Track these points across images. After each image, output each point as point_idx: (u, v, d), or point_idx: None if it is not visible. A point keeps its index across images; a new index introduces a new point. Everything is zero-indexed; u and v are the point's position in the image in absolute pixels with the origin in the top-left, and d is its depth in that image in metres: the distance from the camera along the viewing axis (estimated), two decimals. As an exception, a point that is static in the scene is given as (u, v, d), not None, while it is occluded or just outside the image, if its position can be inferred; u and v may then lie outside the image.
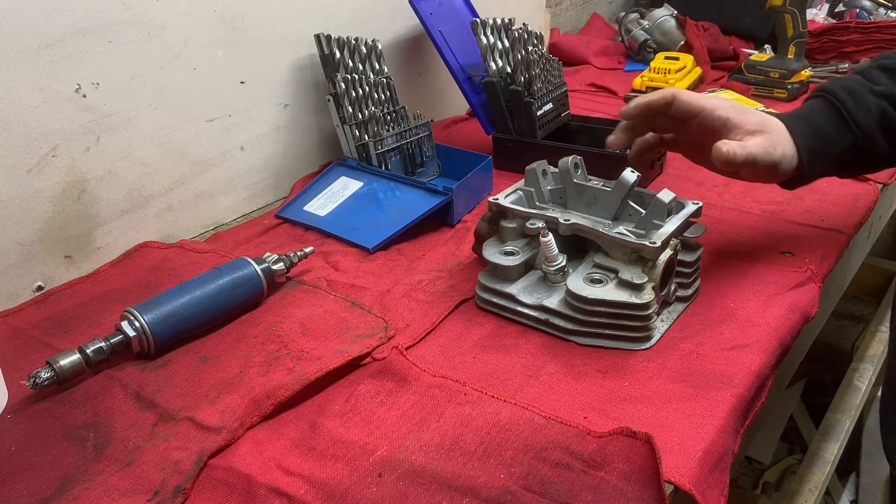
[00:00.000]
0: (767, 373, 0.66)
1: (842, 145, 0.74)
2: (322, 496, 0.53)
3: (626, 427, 0.55)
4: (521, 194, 0.77)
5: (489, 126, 1.12)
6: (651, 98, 0.74)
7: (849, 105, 0.73)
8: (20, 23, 0.73)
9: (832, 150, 0.74)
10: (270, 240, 0.92)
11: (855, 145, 0.74)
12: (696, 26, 1.58)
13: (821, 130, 0.74)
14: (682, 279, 0.72)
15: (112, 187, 0.85)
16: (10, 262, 0.78)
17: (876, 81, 0.74)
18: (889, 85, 0.73)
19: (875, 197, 0.96)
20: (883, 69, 0.75)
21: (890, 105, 0.73)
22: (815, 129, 0.74)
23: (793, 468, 1.61)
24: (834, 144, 0.74)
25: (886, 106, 0.73)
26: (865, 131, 0.73)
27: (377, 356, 0.67)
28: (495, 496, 0.51)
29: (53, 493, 0.54)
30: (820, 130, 0.74)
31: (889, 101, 0.73)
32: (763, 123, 0.72)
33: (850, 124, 0.73)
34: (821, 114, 0.74)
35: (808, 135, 0.73)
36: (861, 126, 0.73)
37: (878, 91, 0.73)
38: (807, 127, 0.74)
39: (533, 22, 1.50)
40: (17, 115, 0.75)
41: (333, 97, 0.99)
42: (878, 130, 0.73)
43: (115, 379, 0.66)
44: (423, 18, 1.10)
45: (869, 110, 0.73)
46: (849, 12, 1.77)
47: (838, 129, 0.74)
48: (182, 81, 0.89)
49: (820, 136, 0.74)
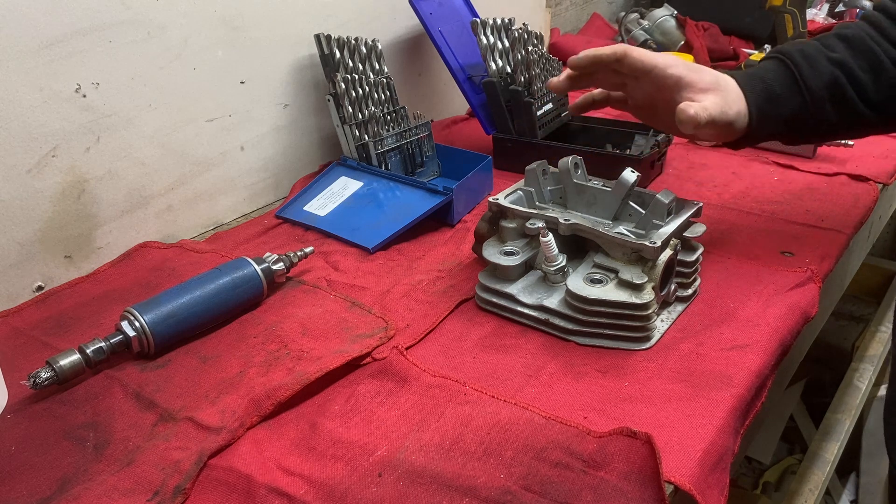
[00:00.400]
0: (767, 373, 0.66)
1: (790, 107, 0.74)
2: (322, 496, 0.53)
3: (626, 427, 0.55)
4: (521, 194, 0.77)
5: (489, 126, 1.12)
6: (601, 51, 0.74)
7: (802, 68, 0.73)
8: (20, 23, 0.73)
9: (781, 112, 0.74)
10: (270, 240, 0.92)
11: (804, 108, 0.74)
12: (696, 26, 1.58)
13: (772, 90, 0.74)
14: (682, 279, 0.72)
15: (112, 187, 0.85)
16: (10, 262, 0.78)
17: (833, 49, 0.74)
18: (845, 54, 0.73)
19: (875, 197, 0.96)
20: (841, 38, 0.75)
21: (843, 73, 0.73)
22: (766, 89, 0.74)
23: (793, 468, 1.61)
24: (783, 105, 0.74)
25: (839, 74, 0.73)
26: (815, 95, 0.73)
27: (377, 356, 0.67)
28: (495, 496, 0.51)
29: (53, 493, 0.54)
30: (771, 90, 0.74)
31: (842, 70, 0.73)
32: (716, 82, 0.72)
33: (801, 87, 0.73)
34: (774, 74, 0.74)
35: (760, 94, 0.73)
36: (811, 90, 0.73)
37: (833, 58, 0.73)
38: (759, 85, 0.74)
39: (533, 22, 1.50)
40: (17, 115, 0.75)
41: (333, 97, 0.99)
42: (826, 97, 0.73)
43: (115, 379, 0.66)
44: (423, 18, 1.10)
45: (821, 75, 0.73)
46: (849, 12, 1.77)
47: (789, 90, 0.74)
48: (182, 81, 0.89)
49: (771, 96, 0.73)
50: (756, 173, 1.05)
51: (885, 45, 0.73)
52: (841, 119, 0.74)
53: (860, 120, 0.75)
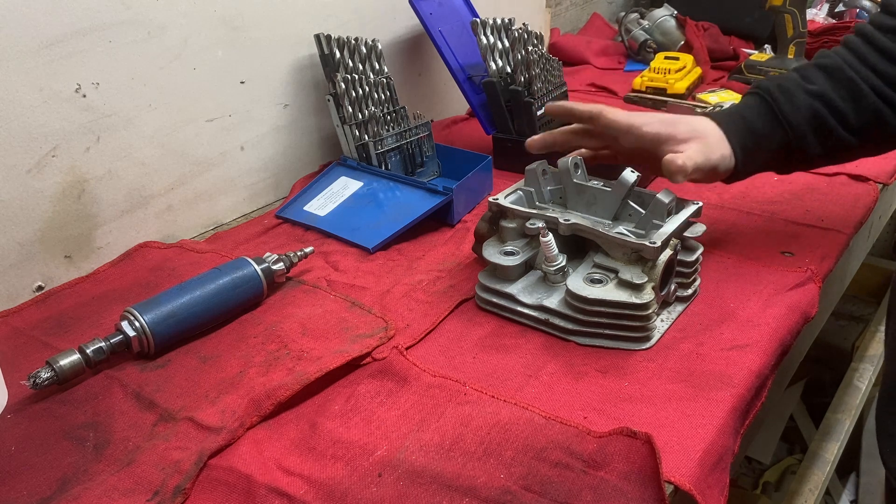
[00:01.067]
0: (767, 373, 0.66)
1: (774, 143, 0.75)
2: (322, 496, 0.53)
3: (626, 427, 0.55)
4: (521, 194, 0.77)
5: (489, 126, 1.12)
6: (577, 106, 0.76)
7: (781, 103, 0.74)
8: (20, 23, 0.73)
9: (765, 147, 0.75)
10: (270, 240, 0.92)
11: (787, 143, 0.75)
12: (696, 26, 1.58)
13: (754, 127, 0.75)
14: (681, 279, 0.72)
15: (112, 187, 0.85)
16: (10, 262, 0.78)
17: (811, 80, 0.75)
18: (823, 85, 0.74)
19: (875, 197, 0.96)
20: (820, 68, 0.76)
21: (822, 105, 0.74)
22: (748, 127, 0.75)
23: (793, 468, 1.61)
24: (766, 141, 0.75)
25: (819, 106, 0.74)
26: (796, 129, 0.74)
27: (377, 356, 0.67)
28: (495, 496, 0.51)
29: (53, 493, 0.54)
30: (753, 127, 0.75)
31: (822, 101, 0.74)
32: (693, 130, 0.74)
33: (782, 121, 0.74)
34: (754, 111, 0.75)
35: (742, 132, 0.74)
36: (792, 124, 0.74)
37: (811, 90, 0.74)
38: (740, 124, 0.75)
39: (533, 22, 1.50)
40: (17, 115, 0.75)
41: (333, 97, 0.99)
42: (808, 130, 0.74)
43: (115, 379, 0.66)
44: (423, 18, 1.10)
45: (800, 109, 0.74)
46: (849, 12, 1.77)
47: (771, 126, 0.75)
48: (182, 81, 0.89)
49: (753, 133, 0.75)
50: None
51: (865, 71, 0.74)
52: (825, 148, 0.76)
53: (844, 147, 0.76)
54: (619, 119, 0.74)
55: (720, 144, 0.73)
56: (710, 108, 1.19)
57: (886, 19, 0.74)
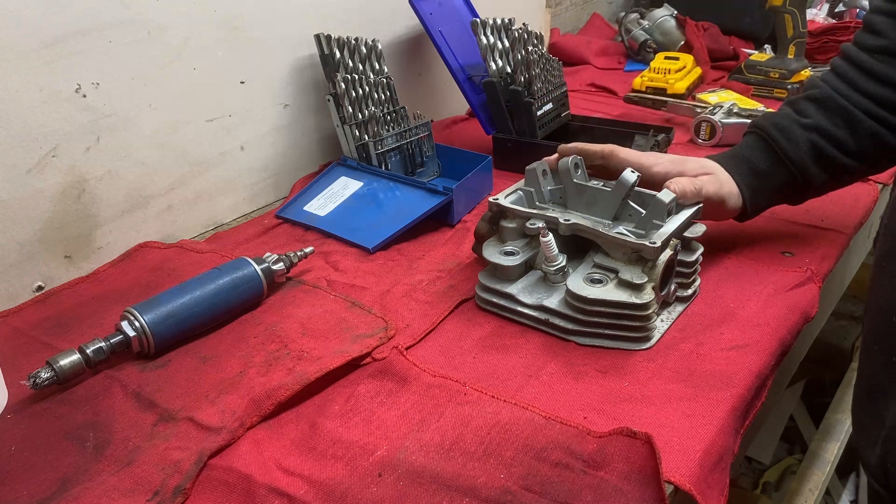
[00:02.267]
0: (767, 373, 0.66)
1: (779, 179, 0.78)
2: (322, 496, 0.53)
3: (626, 427, 0.55)
4: (521, 194, 0.77)
5: (489, 126, 1.12)
6: (589, 147, 0.78)
7: (779, 141, 0.77)
8: (20, 23, 0.73)
9: (771, 185, 0.78)
10: (270, 240, 0.92)
11: (791, 177, 0.78)
12: (696, 26, 1.58)
13: (757, 168, 0.78)
14: (682, 279, 0.72)
15: (112, 187, 0.85)
16: (10, 262, 0.78)
17: (804, 114, 0.77)
18: (817, 117, 0.77)
19: (875, 197, 0.96)
20: (811, 100, 0.78)
21: (819, 136, 0.76)
22: (751, 168, 0.78)
23: (793, 468, 1.61)
24: (771, 179, 0.78)
25: (816, 138, 0.76)
26: (798, 165, 0.77)
27: (377, 356, 0.67)
28: (495, 496, 0.51)
29: (53, 494, 0.54)
30: (756, 168, 0.78)
31: (818, 134, 0.76)
32: (703, 167, 0.77)
33: (784, 160, 0.77)
34: (756, 151, 0.78)
35: (747, 173, 0.77)
36: (794, 161, 0.77)
37: (806, 124, 0.77)
38: (744, 166, 0.78)
39: (533, 22, 1.50)
40: (17, 115, 0.75)
41: (333, 97, 0.99)
42: (810, 162, 0.77)
43: (115, 379, 0.66)
44: (423, 18, 1.10)
45: (798, 144, 0.76)
46: (849, 12, 1.77)
47: (773, 165, 0.78)
48: (182, 81, 0.89)
49: (757, 173, 0.78)
50: (756, 173, 1.05)
51: (855, 97, 0.75)
52: (829, 176, 0.78)
53: (847, 171, 0.78)
54: (629, 158, 0.77)
55: (728, 182, 0.76)
56: (709, 108, 1.19)
57: (869, 39, 0.75)
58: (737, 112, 1.18)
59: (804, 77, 1.36)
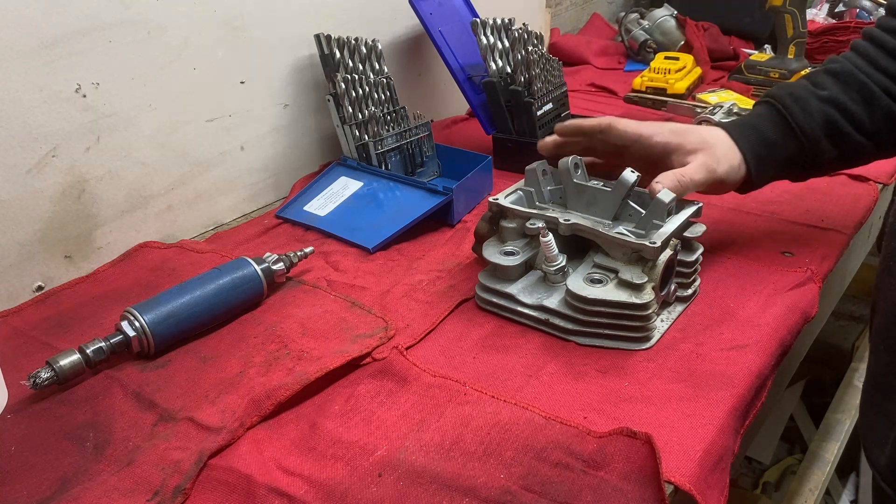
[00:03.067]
0: (767, 373, 0.66)
1: (788, 150, 0.75)
2: (322, 496, 0.53)
3: (626, 427, 0.55)
4: (521, 194, 0.77)
5: (489, 126, 1.12)
6: (585, 122, 0.76)
7: (794, 111, 0.74)
8: (20, 23, 0.73)
9: (779, 156, 0.75)
10: (270, 240, 0.92)
11: (801, 150, 0.75)
12: (696, 26, 1.58)
13: (766, 137, 0.75)
14: (682, 279, 0.72)
15: (112, 187, 0.85)
16: (10, 262, 0.78)
17: (822, 87, 0.75)
18: (834, 90, 0.74)
19: (875, 197, 0.96)
20: (830, 73, 0.76)
21: (835, 110, 0.74)
22: (760, 136, 0.75)
23: (793, 468, 1.61)
24: (780, 150, 0.75)
25: (832, 111, 0.74)
26: (809, 136, 0.74)
27: (377, 356, 0.67)
28: (495, 496, 0.51)
29: (53, 493, 0.54)
30: (766, 137, 0.75)
31: (834, 107, 0.74)
32: (703, 140, 0.73)
33: (796, 130, 0.74)
34: (767, 120, 0.75)
35: (754, 142, 0.74)
36: (805, 132, 0.74)
37: (823, 97, 0.74)
38: (752, 134, 0.75)
39: (533, 22, 1.50)
40: (17, 115, 0.75)
41: (333, 97, 0.99)
42: (822, 136, 0.74)
43: (115, 379, 0.66)
44: (423, 18, 1.10)
45: (813, 116, 0.74)
46: (849, 12, 1.77)
47: (784, 135, 0.75)
48: (182, 81, 0.89)
49: (766, 142, 0.75)
50: (756, 173, 1.05)
51: (876, 75, 0.74)
52: (840, 153, 0.76)
53: (858, 150, 0.76)
54: (628, 130, 0.74)
55: (728, 155, 0.73)
56: (709, 108, 1.19)
57: (893, 21, 0.74)
58: (737, 112, 1.18)
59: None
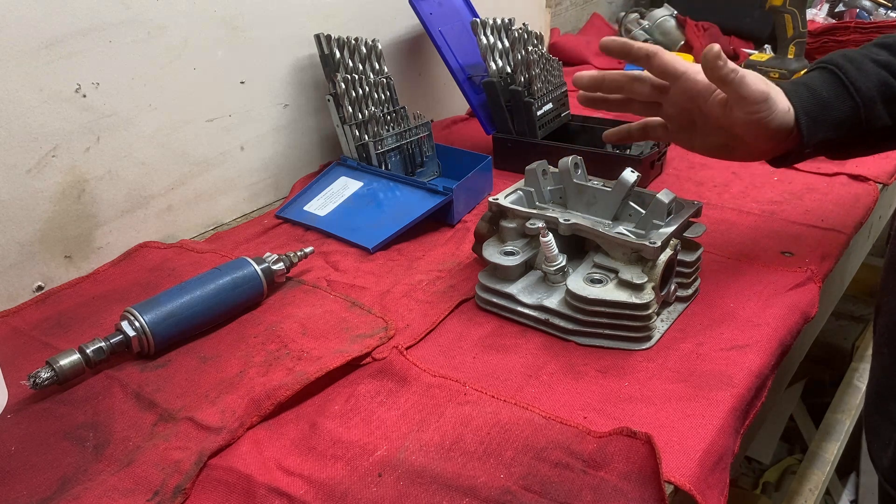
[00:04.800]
0: (767, 373, 0.66)
1: (842, 111, 0.71)
2: (322, 496, 0.53)
3: (626, 427, 0.55)
4: (521, 194, 0.77)
5: (489, 126, 1.12)
6: (634, 43, 0.72)
7: (849, 71, 0.70)
8: (20, 23, 0.73)
9: (832, 116, 0.70)
10: (270, 240, 0.92)
11: (855, 111, 0.71)
12: (696, 26, 1.58)
13: (820, 96, 0.70)
14: (682, 279, 0.72)
15: (112, 187, 0.85)
16: (10, 262, 0.78)
17: (876, 54, 0.72)
18: (889, 58, 0.71)
19: (875, 197, 0.96)
20: (882, 46, 0.72)
21: (892, 75, 0.70)
22: (813, 95, 0.70)
23: (793, 468, 1.61)
24: (833, 110, 0.70)
25: (887, 76, 0.70)
26: (866, 97, 0.70)
27: (377, 356, 0.67)
28: (495, 496, 0.51)
29: (53, 493, 0.54)
30: (819, 96, 0.70)
31: (889, 72, 0.70)
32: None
33: (850, 89, 0.70)
34: (820, 81, 0.71)
35: (807, 100, 0.70)
36: (861, 92, 0.70)
37: (879, 60, 0.71)
38: (805, 93, 0.70)
39: (533, 22, 1.50)
40: (17, 115, 0.75)
41: (333, 97, 0.99)
42: (878, 98, 0.70)
43: (115, 379, 0.66)
44: (423, 18, 1.10)
45: (869, 77, 0.70)
46: (849, 12, 1.77)
47: (838, 95, 0.70)
48: (182, 81, 0.89)
49: (819, 101, 0.70)
50: (756, 173, 1.05)
51: None
52: (893, 122, 0.71)
53: None
54: (675, 62, 0.70)
55: (782, 100, 0.68)
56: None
57: None
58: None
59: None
